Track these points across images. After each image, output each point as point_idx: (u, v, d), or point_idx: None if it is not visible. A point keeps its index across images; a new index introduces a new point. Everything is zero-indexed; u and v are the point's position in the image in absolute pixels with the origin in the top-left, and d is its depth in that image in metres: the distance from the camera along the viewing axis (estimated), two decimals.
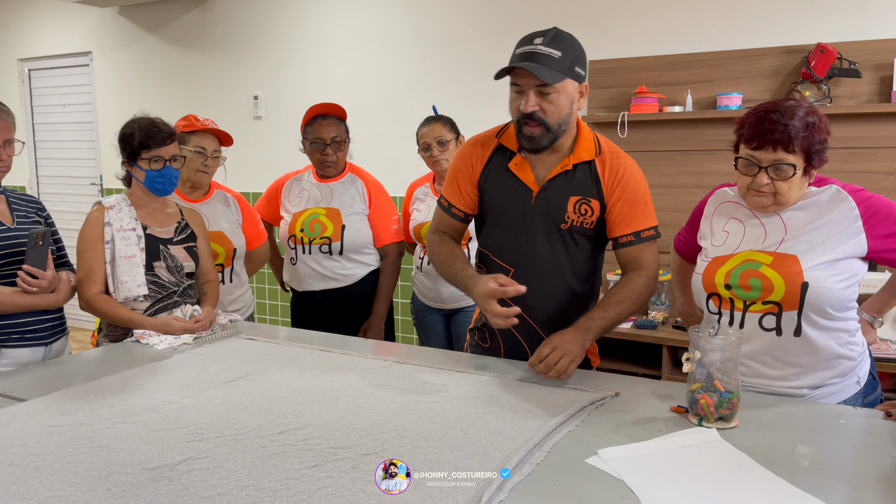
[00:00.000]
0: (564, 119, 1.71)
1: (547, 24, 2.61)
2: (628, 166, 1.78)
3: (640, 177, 1.80)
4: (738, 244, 1.67)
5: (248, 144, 4.66)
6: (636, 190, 1.78)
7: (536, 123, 1.69)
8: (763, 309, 1.60)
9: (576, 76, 1.69)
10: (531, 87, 1.67)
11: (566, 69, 1.66)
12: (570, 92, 1.69)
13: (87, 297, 2.12)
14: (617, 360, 3.44)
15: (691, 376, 1.44)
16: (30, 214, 2.17)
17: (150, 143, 2.13)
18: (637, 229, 1.78)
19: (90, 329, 5.45)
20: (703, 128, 3.41)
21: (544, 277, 1.82)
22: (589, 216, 1.78)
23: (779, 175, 1.55)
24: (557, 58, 1.65)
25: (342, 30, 4.39)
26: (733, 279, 1.63)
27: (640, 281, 1.78)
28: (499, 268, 1.85)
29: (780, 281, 1.57)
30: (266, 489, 1.15)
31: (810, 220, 1.60)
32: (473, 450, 1.28)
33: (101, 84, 5.39)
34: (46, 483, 1.17)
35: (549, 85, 1.65)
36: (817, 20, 3.21)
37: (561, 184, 1.78)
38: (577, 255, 1.83)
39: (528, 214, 1.81)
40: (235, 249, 2.62)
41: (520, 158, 1.81)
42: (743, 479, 1.19)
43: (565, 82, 1.67)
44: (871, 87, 3.11)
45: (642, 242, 1.79)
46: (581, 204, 1.77)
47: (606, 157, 1.78)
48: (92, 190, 5.60)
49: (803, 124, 1.53)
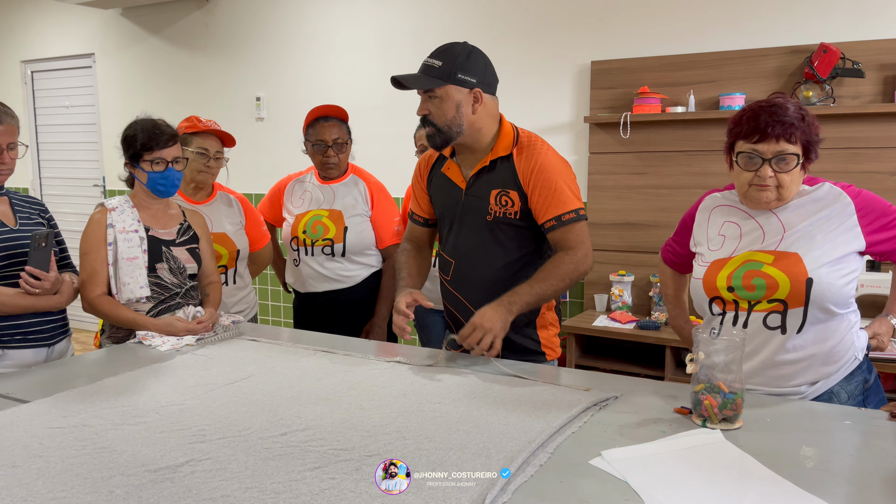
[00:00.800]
0: (452, 121, 1.87)
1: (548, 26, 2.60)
2: (542, 156, 1.90)
3: (556, 165, 1.90)
4: (735, 246, 1.68)
5: (250, 146, 4.66)
6: (550, 178, 1.88)
7: (429, 125, 1.89)
8: (768, 308, 1.61)
9: (460, 82, 1.86)
10: (421, 93, 1.89)
11: (445, 76, 1.84)
12: (455, 97, 1.86)
13: (90, 299, 2.12)
14: (620, 361, 3.44)
15: (695, 377, 1.44)
16: (32, 216, 2.17)
17: (153, 144, 2.13)
18: (557, 213, 1.87)
19: (93, 330, 5.46)
20: (705, 128, 3.41)
21: (479, 267, 1.97)
22: (510, 207, 1.91)
23: (782, 167, 1.57)
24: (438, 66, 1.85)
25: (344, 31, 4.39)
26: (735, 281, 1.63)
27: (567, 258, 1.87)
28: (445, 261, 2.06)
29: (784, 278, 1.58)
30: (269, 491, 1.15)
31: (807, 216, 1.61)
32: (477, 451, 1.28)
33: (103, 86, 5.40)
34: (49, 485, 1.17)
35: (432, 90, 1.85)
36: (820, 20, 3.21)
37: (483, 179, 1.94)
38: (506, 245, 1.94)
39: (460, 210, 1.99)
40: (239, 251, 2.62)
41: (451, 162, 2.02)
42: (747, 481, 1.18)
43: (446, 88, 1.85)
44: (875, 87, 3.10)
45: (564, 225, 1.88)
46: (501, 196, 1.91)
47: (523, 150, 1.92)
48: (95, 191, 5.61)
49: (799, 116, 1.57)
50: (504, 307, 1.79)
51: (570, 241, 1.88)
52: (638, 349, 3.47)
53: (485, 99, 1.89)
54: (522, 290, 1.83)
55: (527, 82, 3.84)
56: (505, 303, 1.80)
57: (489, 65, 1.93)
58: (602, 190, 3.69)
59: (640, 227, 3.62)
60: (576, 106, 3.77)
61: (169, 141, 2.16)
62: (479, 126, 1.91)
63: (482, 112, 1.90)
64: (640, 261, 3.64)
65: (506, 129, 1.96)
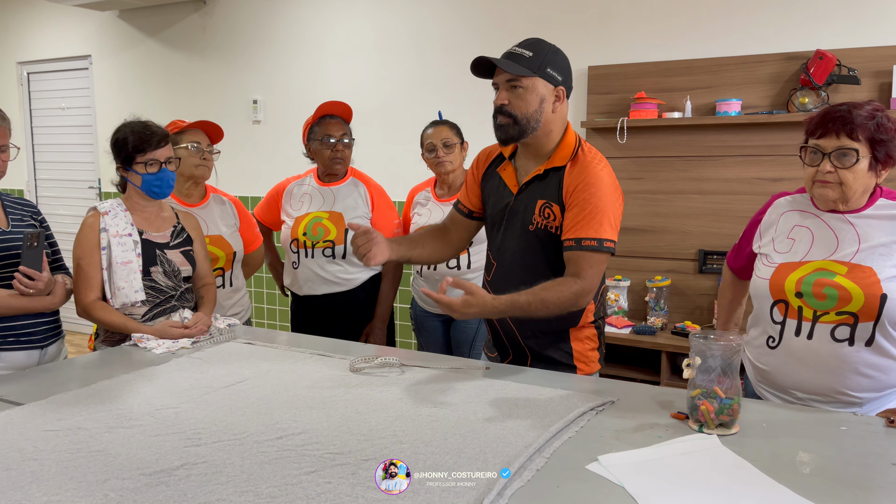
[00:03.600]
0: (533, 115, 1.82)
1: (546, 30, 2.60)
2: (593, 175, 1.81)
3: (604, 188, 1.81)
4: (806, 251, 1.65)
5: (246, 148, 4.66)
6: (591, 198, 1.79)
7: (506, 116, 1.83)
8: (837, 319, 1.58)
9: (548, 77, 1.82)
10: (503, 82, 1.83)
11: (535, 67, 1.80)
12: (541, 90, 1.82)
13: (84, 304, 2.11)
14: (616, 366, 3.44)
15: (691, 382, 1.44)
16: (25, 218, 2.16)
17: (145, 146, 2.12)
18: (580, 236, 1.79)
19: (87, 333, 5.44)
20: (702, 134, 3.42)
21: (518, 274, 1.90)
22: (552, 220, 1.86)
23: (842, 162, 1.56)
24: (528, 56, 1.80)
25: (342, 34, 4.40)
26: (805, 287, 1.61)
27: (564, 288, 1.76)
28: (489, 261, 2.03)
29: (858, 291, 1.56)
30: (264, 495, 1.14)
31: (884, 231, 1.59)
32: (473, 455, 1.28)
33: (100, 88, 5.39)
34: (43, 488, 1.17)
35: (518, 79, 1.79)
36: (816, 27, 3.22)
37: (533, 187, 1.90)
38: (547, 256, 1.89)
39: (508, 215, 1.94)
40: (235, 253, 2.62)
41: (508, 164, 1.97)
42: (744, 486, 1.19)
43: (534, 80, 1.80)
44: (871, 94, 3.11)
45: (582, 250, 1.78)
46: (545, 208, 1.87)
47: (577, 165, 1.84)
48: (90, 193, 5.59)
49: (868, 114, 1.56)
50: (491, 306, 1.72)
51: (582, 271, 1.78)
52: (634, 354, 3.47)
53: (565, 99, 1.87)
54: (506, 297, 1.74)
55: None
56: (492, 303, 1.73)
57: (571, 68, 1.91)
58: None
59: (636, 232, 3.63)
60: (572, 111, 3.78)
61: (161, 141, 2.15)
62: (551, 127, 1.86)
63: (559, 113, 1.86)
64: (637, 266, 3.65)
65: (569, 138, 1.89)
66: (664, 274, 3.56)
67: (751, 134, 3.30)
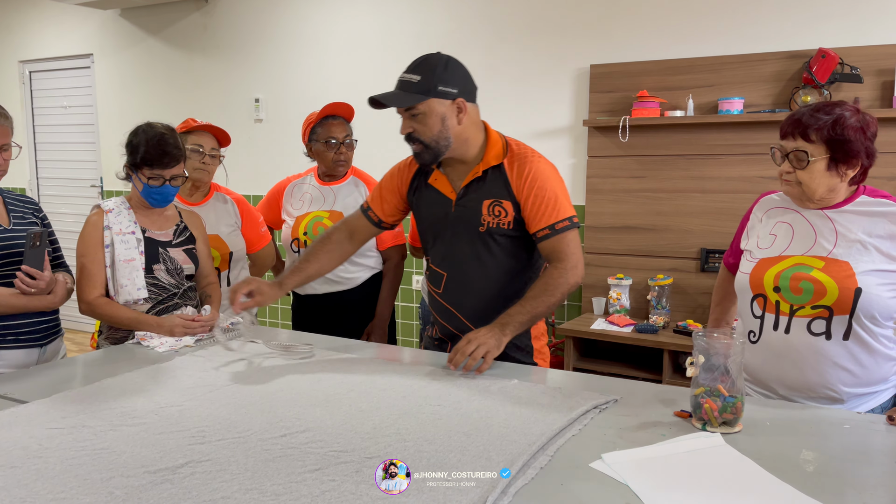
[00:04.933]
0: (439, 135, 1.84)
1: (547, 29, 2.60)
2: (535, 165, 1.88)
3: (548, 172, 1.88)
4: (786, 246, 1.69)
5: (248, 147, 4.66)
6: (545, 186, 1.86)
7: (416, 143, 1.86)
8: (812, 313, 1.61)
9: (441, 94, 1.82)
10: (402, 112, 1.86)
11: (426, 90, 1.81)
12: (439, 110, 1.83)
13: (88, 301, 2.12)
14: (617, 365, 3.44)
15: (695, 380, 1.44)
16: (26, 215, 2.16)
17: (155, 163, 2.12)
18: (551, 222, 1.85)
19: (89, 331, 5.45)
20: (704, 132, 3.42)
21: (472, 279, 1.95)
22: (504, 217, 1.88)
23: (797, 163, 1.62)
24: (417, 81, 1.82)
25: (343, 33, 4.40)
26: (783, 281, 1.64)
27: (557, 273, 1.84)
28: (436, 273, 2.02)
29: (833, 285, 1.59)
30: (269, 493, 1.14)
31: (862, 226, 1.62)
32: (477, 454, 1.28)
33: (101, 86, 5.39)
34: (48, 486, 1.17)
35: (414, 107, 1.81)
36: (819, 25, 3.22)
37: (474, 190, 1.91)
38: (499, 255, 1.93)
39: (451, 222, 1.95)
40: (232, 253, 2.62)
41: (438, 173, 1.97)
42: (748, 484, 1.19)
43: (429, 102, 1.82)
44: (873, 93, 3.11)
45: (558, 234, 1.85)
46: (494, 206, 1.88)
47: (515, 160, 1.89)
48: (92, 192, 5.60)
49: (831, 117, 1.59)
50: (498, 329, 1.74)
51: (562, 251, 1.85)
52: (635, 353, 3.48)
53: (468, 108, 1.86)
54: (514, 310, 1.79)
55: (526, 85, 3.85)
56: (498, 325, 1.76)
57: (467, 73, 1.89)
58: (600, 193, 3.70)
59: (638, 230, 3.63)
60: (575, 109, 3.78)
61: (172, 162, 2.14)
62: (465, 136, 1.88)
63: (467, 122, 1.86)
64: (639, 264, 3.65)
65: (493, 137, 1.93)
66: (666, 272, 3.56)
67: (753, 132, 3.30)
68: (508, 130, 2.79)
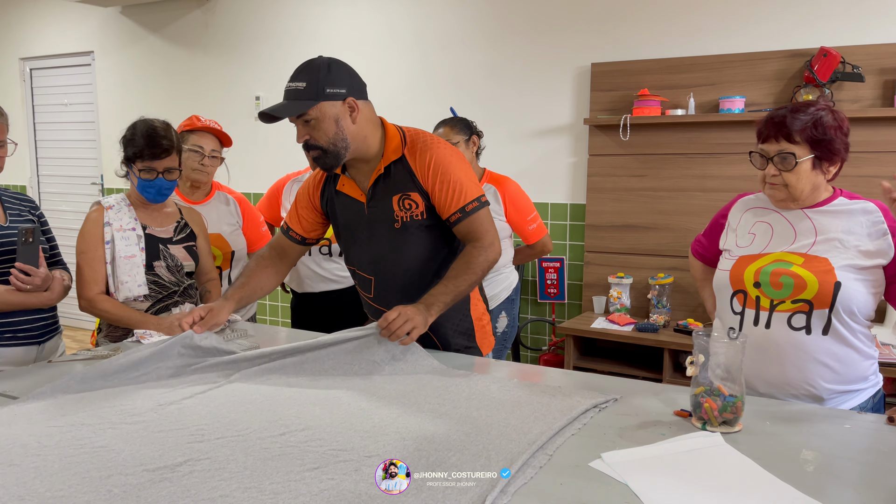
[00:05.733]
0: (335, 138, 1.81)
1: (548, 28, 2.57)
2: (435, 151, 1.87)
3: (450, 157, 1.88)
4: (766, 244, 1.70)
5: (249, 145, 4.65)
6: (448, 171, 1.85)
7: (314, 149, 1.82)
8: (792, 308, 1.62)
9: (330, 97, 1.79)
10: (295, 120, 1.81)
11: (314, 95, 1.77)
12: (331, 112, 1.79)
13: (88, 298, 2.12)
14: (617, 364, 3.44)
15: (695, 380, 1.44)
16: (23, 213, 2.15)
17: (146, 154, 2.12)
18: (461, 205, 1.86)
19: (89, 329, 5.45)
20: (705, 131, 3.41)
21: (397, 276, 1.94)
22: (415, 209, 1.88)
23: (784, 165, 1.63)
24: (303, 88, 1.78)
25: (344, 31, 4.39)
26: (763, 277, 1.65)
27: (475, 252, 1.85)
28: (363, 279, 2.00)
29: (812, 279, 1.60)
30: (268, 491, 1.14)
31: (840, 224, 1.64)
32: (476, 452, 1.28)
33: (102, 84, 5.39)
34: (47, 483, 1.17)
35: (305, 113, 1.78)
36: (820, 24, 3.21)
37: (381, 187, 1.90)
38: (419, 248, 1.92)
39: (366, 224, 1.94)
40: (234, 252, 2.62)
41: (344, 178, 1.95)
42: (748, 484, 1.18)
43: (320, 106, 1.78)
44: (875, 92, 3.11)
45: (469, 216, 1.86)
46: (403, 199, 1.88)
47: (415, 149, 1.88)
48: (93, 189, 5.60)
49: (809, 118, 1.61)
50: (424, 307, 1.75)
51: (476, 231, 1.87)
52: (636, 352, 3.47)
53: (360, 106, 1.83)
54: (437, 290, 1.80)
55: (527, 84, 3.84)
56: (424, 304, 1.76)
57: (353, 71, 1.86)
58: (601, 192, 3.69)
59: (639, 229, 3.62)
60: (576, 108, 3.77)
61: (163, 154, 2.13)
62: (363, 135, 1.85)
63: (361, 120, 1.83)
64: (639, 263, 3.65)
65: (391, 131, 1.91)
66: (667, 271, 3.56)
67: (754, 132, 3.29)
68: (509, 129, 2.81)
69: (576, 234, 3.83)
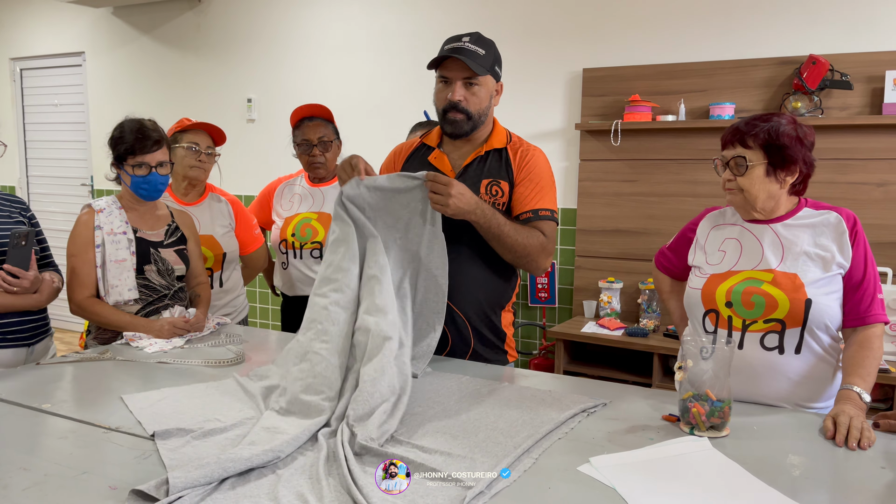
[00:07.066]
0: (484, 110, 1.91)
1: (540, 33, 2.56)
2: (537, 156, 1.96)
3: (546, 165, 1.97)
4: (735, 261, 1.70)
5: (240, 147, 4.65)
6: (541, 175, 1.94)
7: (460, 112, 1.88)
8: (765, 328, 1.62)
9: (495, 74, 1.91)
10: (459, 78, 1.86)
11: (488, 66, 1.88)
12: (490, 87, 1.91)
13: (77, 301, 2.10)
14: (607, 368, 3.45)
15: (683, 385, 1.45)
16: (13, 214, 2.14)
17: (136, 149, 2.11)
18: (536, 207, 1.91)
19: (78, 331, 5.41)
20: (695, 137, 3.43)
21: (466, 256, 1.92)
22: (500, 197, 1.93)
23: (737, 170, 1.65)
24: (482, 55, 1.86)
25: (336, 33, 4.39)
26: (735, 296, 1.65)
27: (538, 234, 1.89)
28: None
29: (783, 298, 1.60)
30: None
31: (807, 238, 1.65)
32: (462, 455, 1.28)
33: (93, 85, 5.36)
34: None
35: (475, 77, 1.85)
36: (810, 32, 3.24)
37: (474, 169, 1.95)
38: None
39: None
40: (225, 254, 2.61)
41: (438, 152, 1.99)
42: (734, 488, 1.19)
43: (487, 77, 1.88)
44: (863, 99, 3.13)
45: (540, 220, 1.91)
46: (492, 185, 1.93)
47: (518, 147, 1.97)
48: (82, 191, 5.57)
49: (768, 125, 1.63)
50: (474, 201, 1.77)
51: (541, 231, 1.90)
52: (626, 356, 3.48)
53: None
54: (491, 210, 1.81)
55: (519, 89, 3.85)
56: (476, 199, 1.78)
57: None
58: (592, 197, 3.71)
59: (629, 234, 3.64)
60: (567, 113, 3.79)
61: (153, 146, 2.13)
62: (491, 118, 1.97)
63: (495, 105, 1.95)
64: (630, 268, 3.66)
65: (498, 125, 2.01)
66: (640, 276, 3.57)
67: None
68: None
69: (567, 239, 3.84)
